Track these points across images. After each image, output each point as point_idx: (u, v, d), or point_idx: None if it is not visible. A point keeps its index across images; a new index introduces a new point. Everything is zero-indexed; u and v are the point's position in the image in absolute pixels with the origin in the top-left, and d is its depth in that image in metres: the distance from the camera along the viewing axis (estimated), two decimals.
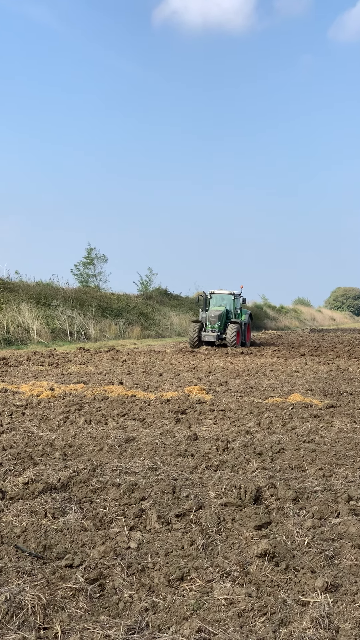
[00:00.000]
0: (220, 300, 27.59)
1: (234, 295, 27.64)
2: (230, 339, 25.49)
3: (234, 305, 27.44)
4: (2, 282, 31.16)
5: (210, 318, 25.98)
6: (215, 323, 25.80)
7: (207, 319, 26.11)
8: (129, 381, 13.49)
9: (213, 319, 25.86)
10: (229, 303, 27.38)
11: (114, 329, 33.27)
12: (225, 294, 27.73)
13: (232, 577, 3.85)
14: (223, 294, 27.80)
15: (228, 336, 25.59)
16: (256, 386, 12.97)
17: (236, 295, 27.75)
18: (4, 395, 10.87)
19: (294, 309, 74.17)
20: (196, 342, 25.78)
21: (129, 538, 4.43)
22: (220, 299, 27.62)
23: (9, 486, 5.50)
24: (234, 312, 27.22)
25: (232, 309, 27.26)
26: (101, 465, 6.25)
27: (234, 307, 27.38)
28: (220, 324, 25.94)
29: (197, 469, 6.30)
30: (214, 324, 25.86)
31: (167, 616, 3.43)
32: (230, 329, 25.66)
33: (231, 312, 27.12)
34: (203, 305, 27.39)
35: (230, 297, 27.58)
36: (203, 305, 27.39)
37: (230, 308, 27.22)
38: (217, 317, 25.81)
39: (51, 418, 8.91)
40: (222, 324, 26.09)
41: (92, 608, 3.51)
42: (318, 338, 36.57)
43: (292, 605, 3.52)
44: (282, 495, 5.36)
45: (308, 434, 8.03)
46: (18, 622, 3.29)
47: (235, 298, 27.61)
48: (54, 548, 4.26)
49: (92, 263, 44.92)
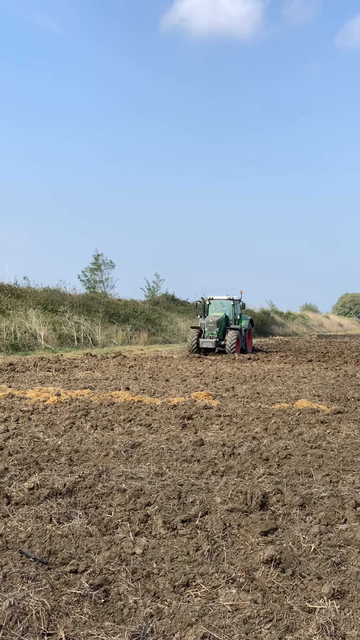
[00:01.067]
0: (219, 306, 27.02)
1: (233, 301, 27.06)
2: (229, 345, 24.92)
3: (234, 310, 26.87)
4: (10, 288, 31.30)
5: (208, 324, 25.42)
6: (214, 329, 25.22)
7: (206, 325, 25.56)
8: (136, 387, 13.48)
9: (211, 325, 25.28)
10: (228, 309, 26.83)
11: (121, 334, 33.30)
12: (224, 300, 27.16)
13: (238, 583, 3.82)
14: (222, 299, 27.23)
15: (227, 343, 25.04)
16: (263, 392, 12.93)
17: (235, 301, 27.20)
18: (11, 400, 10.88)
19: (302, 315, 74.02)
20: (194, 349, 25.25)
21: (134, 544, 4.40)
22: (220, 305, 27.05)
23: (15, 491, 5.49)
24: (233, 317, 26.66)
25: (232, 314, 26.71)
26: (107, 470, 6.23)
27: (234, 312, 26.82)
28: (219, 330, 25.38)
29: (203, 475, 6.27)
30: (212, 330, 25.26)
31: (172, 622, 3.40)
32: (229, 336, 25.10)
33: (230, 318, 26.56)
34: (202, 311, 26.94)
35: (229, 303, 26.98)
36: (202, 311, 26.94)
37: (230, 314, 26.67)
38: (216, 323, 25.24)
39: (57, 423, 8.90)
40: (221, 330, 25.55)
41: (97, 614, 3.49)
42: (325, 344, 36.45)
43: (298, 611, 3.48)
44: (289, 501, 5.32)
45: (315, 439, 7.98)
46: (22, 628, 3.27)
47: (234, 303, 27.03)
48: (59, 553, 4.24)
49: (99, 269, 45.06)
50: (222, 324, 25.60)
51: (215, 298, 27.40)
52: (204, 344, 24.95)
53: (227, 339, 25.04)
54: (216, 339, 24.97)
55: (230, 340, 24.92)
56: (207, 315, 26.29)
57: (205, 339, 25.07)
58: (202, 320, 26.15)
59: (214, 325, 25.19)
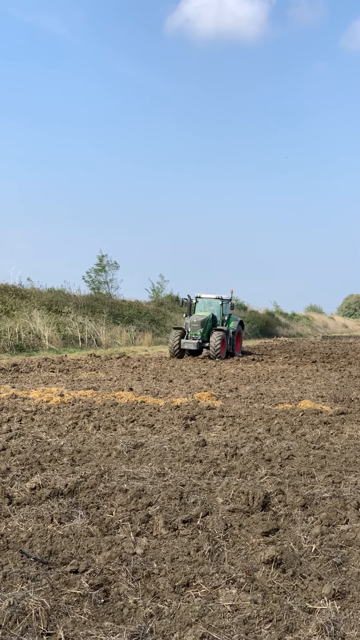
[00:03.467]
0: (207, 305, 24.86)
1: (221, 300, 24.79)
2: (214, 347, 22.79)
3: (222, 311, 24.69)
4: (14, 289, 31.37)
5: (192, 324, 23.29)
6: (198, 329, 23.13)
7: (190, 325, 23.44)
8: (139, 387, 13.48)
9: (195, 325, 23.18)
10: (216, 308, 24.66)
11: (125, 335, 33.31)
12: (212, 299, 24.98)
13: (238, 583, 3.81)
14: (210, 298, 25.06)
15: (212, 345, 22.88)
16: (266, 393, 12.91)
17: (224, 300, 24.93)
18: (14, 401, 10.90)
19: (306, 316, 73.89)
20: (176, 351, 23.16)
21: (134, 544, 4.40)
22: (208, 304, 24.88)
23: (16, 491, 5.50)
24: (221, 318, 24.59)
25: (219, 315, 24.61)
26: (109, 471, 6.23)
27: (222, 313, 24.67)
28: (204, 331, 23.31)
29: (205, 475, 6.27)
30: (196, 331, 23.16)
31: (171, 622, 3.39)
32: (214, 337, 22.94)
33: (218, 318, 24.51)
34: (187, 311, 24.51)
35: (217, 302, 24.76)
36: (187, 311, 24.51)
37: (218, 314, 24.56)
38: (200, 323, 23.15)
39: (60, 424, 8.91)
40: (206, 331, 23.47)
41: (97, 614, 3.49)
42: (330, 345, 36.38)
43: (298, 612, 3.47)
44: (291, 502, 5.31)
45: (318, 440, 7.96)
46: (21, 628, 3.27)
47: (223, 303, 24.78)
48: (60, 553, 4.24)
49: (103, 270, 45.09)
50: (207, 324, 23.59)
51: (203, 296, 25.27)
52: (186, 345, 22.96)
53: (211, 341, 22.98)
54: (199, 340, 22.99)
55: (214, 342, 22.85)
56: (192, 315, 24.28)
57: (187, 340, 23.10)
58: (186, 320, 24.02)
59: (198, 326, 23.20)
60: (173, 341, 23.53)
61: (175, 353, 23.32)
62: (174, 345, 23.37)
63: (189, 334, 23.48)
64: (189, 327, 23.54)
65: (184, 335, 23.60)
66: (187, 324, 23.70)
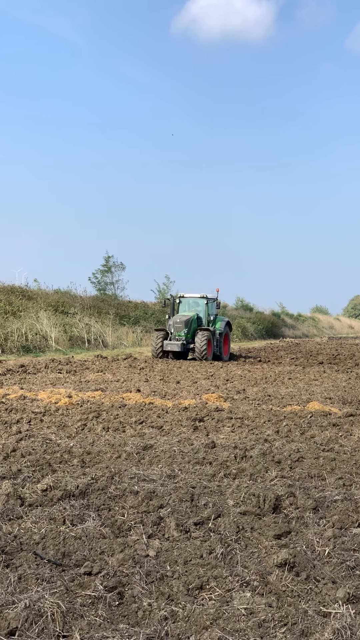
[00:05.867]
0: (192, 305, 23.87)
1: (207, 299, 23.79)
2: (199, 349, 21.79)
3: (207, 310, 23.68)
4: (21, 290, 31.50)
5: (175, 324, 22.29)
6: (182, 330, 22.17)
7: (173, 326, 22.48)
8: (147, 389, 13.49)
9: (179, 325, 22.18)
10: (202, 308, 23.68)
11: (132, 336, 33.35)
12: (197, 298, 24.03)
13: (252, 586, 3.81)
14: (194, 297, 24.13)
15: (197, 346, 21.89)
16: (274, 394, 12.90)
17: (210, 299, 23.92)
18: (23, 402, 10.93)
19: (312, 317, 73.80)
20: (159, 353, 22.27)
21: (147, 546, 4.41)
22: (193, 304, 23.93)
23: (28, 493, 5.52)
24: (206, 318, 23.58)
25: (205, 315, 23.59)
26: (119, 472, 6.24)
27: (207, 313, 23.65)
28: (188, 332, 22.34)
29: (215, 477, 6.27)
30: (180, 331, 22.20)
31: (186, 625, 3.40)
32: (199, 338, 21.89)
33: (203, 318, 23.55)
34: (170, 311, 23.64)
35: (202, 302, 23.77)
36: (170, 311, 23.64)
37: (203, 314, 23.57)
38: (184, 324, 22.17)
39: (69, 425, 8.93)
40: (191, 332, 22.51)
41: (112, 616, 3.49)
42: (336, 346, 36.30)
43: (313, 616, 3.47)
44: (302, 504, 5.31)
45: (327, 442, 7.95)
46: (37, 630, 3.28)
47: (208, 302, 23.78)
48: (73, 555, 4.25)
49: (109, 271, 45.27)
50: (191, 324, 22.59)
51: (187, 296, 24.35)
52: (169, 346, 22.01)
53: (197, 342, 21.94)
54: (183, 342, 22.02)
55: (200, 343, 21.81)
56: (176, 315, 23.33)
57: (171, 342, 22.14)
58: (169, 321, 23.11)
59: (182, 326, 22.21)
60: (155, 343, 22.55)
61: (158, 355, 22.35)
62: (157, 347, 22.39)
63: (172, 335, 22.55)
64: (172, 328, 22.59)
65: (167, 337, 22.66)
66: (170, 324, 22.73)
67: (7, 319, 26.53)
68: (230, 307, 54.48)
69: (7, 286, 31.73)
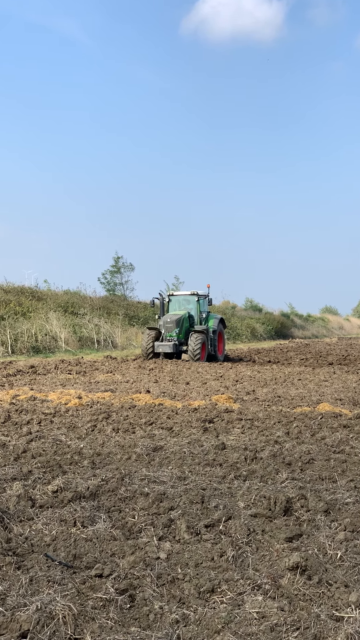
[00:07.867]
0: (182, 304, 23.08)
1: (197, 297, 22.86)
2: (193, 351, 21.02)
3: (199, 308, 22.75)
4: (30, 291, 31.64)
5: (166, 324, 21.47)
6: (173, 330, 21.40)
7: (164, 326, 21.63)
8: (156, 390, 13.49)
9: (170, 325, 21.38)
10: (193, 306, 22.80)
11: (141, 337, 33.38)
12: (187, 295, 23.24)
13: (264, 590, 3.79)
14: (185, 295, 23.43)
15: (190, 348, 21.11)
16: (284, 395, 12.85)
17: (201, 297, 22.93)
18: (33, 403, 10.95)
19: (322, 318, 73.54)
20: (149, 354, 21.51)
21: (158, 548, 4.40)
22: (184, 302, 23.12)
23: (39, 494, 5.52)
24: (198, 317, 22.63)
25: (197, 313, 22.69)
26: (129, 474, 6.24)
27: (199, 310, 22.72)
28: (180, 332, 21.55)
29: (225, 479, 6.25)
30: (171, 331, 21.42)
31: (198, 629, 3.38)
32: (193, 339, 21.10)
33: (195, 317, 22.66)
34: (160, 311, 22.94)
35: (193, 299, 22.89)
36: (160, 311, 22.94)
37: (195, 312, 22.71)
38: (175, 323, 21.36)
39: (79, 426, 8.94)
40: (183, 331, 21.72)
41: (123, 619, 3.49)
42: (346, 347, 36.14)
43: (326, 620, 3.44)
44: (313, 507, 5.27)
45: (338, 444, 7.90)
46: (49, 632, 3.28)
47: (199, 299, 22.82)
48: (84, 557, 4.25)
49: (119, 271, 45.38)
50: (183, 323, 21.80)
51: (176, 294, 23.83)
52: (160, 347, 21.24)
53: (190, 343, 21.11)
54: (175, 342, 21.25)
55: (193, 344, 21.04)
56: (166, 314, 22.55)
57: (162, 342, 21.38)
58: (160, 321, 22.25)
59: (173, 326, 21.41)
60: (146, 343, 21.72)
61: (149, 356, 21.54)
62: (147, 349, 21.59)
63: (163, 336, 21.73)
64: (163, 328, 21.78)
65: (159, 337, 21.85)
66: (161, 324, 21.91)
67: (17, 319, 26.64)
68: (239, 307, 54.42)
69: (17, 287, 31.91)
